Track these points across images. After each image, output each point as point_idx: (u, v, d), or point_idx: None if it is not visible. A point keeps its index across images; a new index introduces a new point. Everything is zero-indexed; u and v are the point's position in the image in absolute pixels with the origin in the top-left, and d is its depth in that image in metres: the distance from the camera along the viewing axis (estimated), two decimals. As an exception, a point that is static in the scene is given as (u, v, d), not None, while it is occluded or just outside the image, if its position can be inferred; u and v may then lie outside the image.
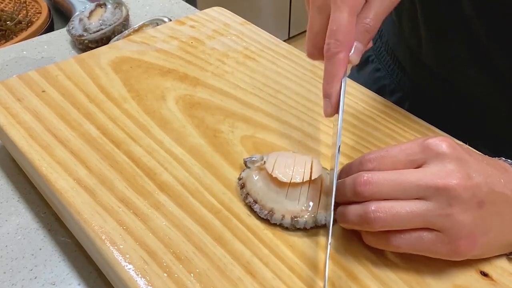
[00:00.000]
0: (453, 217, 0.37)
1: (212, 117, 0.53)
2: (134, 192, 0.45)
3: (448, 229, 0.37)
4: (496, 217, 0.38)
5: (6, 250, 0.47)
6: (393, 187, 0.38)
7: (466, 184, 0.37)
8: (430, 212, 0.37)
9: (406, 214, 0.37)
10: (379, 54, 0.70)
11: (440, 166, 0.38)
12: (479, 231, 0.38)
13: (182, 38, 0.66)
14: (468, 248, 0.38)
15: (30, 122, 0.51)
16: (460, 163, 0.38)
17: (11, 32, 0.85)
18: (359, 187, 0.38)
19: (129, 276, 0.38)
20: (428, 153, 0.38)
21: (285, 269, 0.40)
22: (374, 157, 0.40)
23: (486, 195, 0.38)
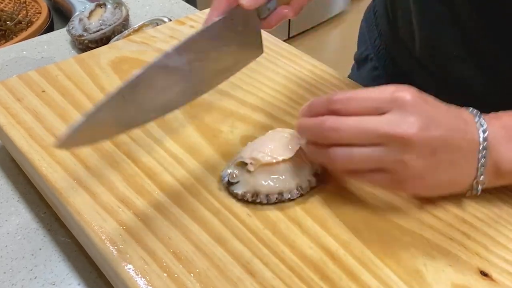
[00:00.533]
0: (405, 163, 0.40)
1: (212, 117, 0.53)
2: (134, 192, 0.45)
3: (398, 172, 0.40)
4: (449, 165, 0.41)
5: (6, 250, 0.47)
6: (355, 134, 0.40)
7: (422, 135, 0.39)
8: (385, 157, 0.40)
9: (362, 158, 0.40)
10: (377, 53, 0.71)
11: (401, 116, 0.40)
12: (428, 175, 0.41)
13: (182, 38, 0.66)
14: (413, 188, 0.42)
15: (30, 122, 0.51)
16: (421, 114, 0.40)
17: (11, 32, 0.85)
18: (325, 132, 0.41)
19: (129, 276, 0.38)
20: (394, 102, 0.41)
21: (284, 269, 0.40)
22: (342, 98, 0.42)
23: (441, 145, 0.40)
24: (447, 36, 0.57)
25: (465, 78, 0.58)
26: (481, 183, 0.43)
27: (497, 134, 0.42)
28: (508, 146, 0.42)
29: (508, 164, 0.42)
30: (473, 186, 0.43)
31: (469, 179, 0.43)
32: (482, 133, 0.42)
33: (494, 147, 0.42)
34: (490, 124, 0.43)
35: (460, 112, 0.43)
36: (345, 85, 0.59)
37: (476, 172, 0.42)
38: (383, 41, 0.69)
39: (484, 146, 0.42)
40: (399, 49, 0.66)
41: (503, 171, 0.43)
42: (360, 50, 0.76)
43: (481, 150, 0.42)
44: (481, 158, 0.42)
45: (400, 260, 0.41)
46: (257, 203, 0.44)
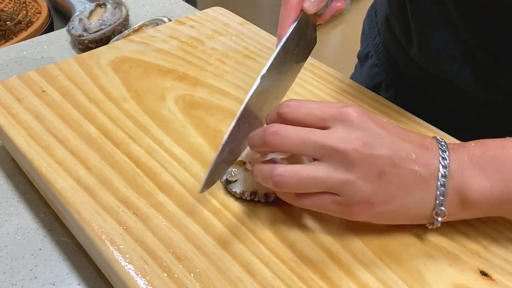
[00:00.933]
0: (351, 183, 0.38)
1: (211, 117, 0.54)
2: (134, 192, 0.45)
3: (345, 194, 0.39)
4: (400, 189, 0.39)
5: (6, 250, 0.47)
6: (297, 143, 0.39)
7: (364, 152, 0.38)
8: (329, 177, 0.38)
9: (308, 179, 0.39)
10: (377, 49, 0.71)
11: (345, 132, 0.39)
12: (377, 199, 0.39)
13: (182, 38, 0.66)
14: (363, 212, 0.39)
15: (30, 122, 0.51)
16: (366, 133, 0.39)
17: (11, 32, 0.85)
18: (267, 137, 0.40)
19: (129, 276, 0.38)
20: (340, 118, 0.39)
21: (285, 269, 0.40)
22: (292, 104, 0.41)
23: (389, 167, 0.38)
24: (439, 34, 0.57)
25: (456, 76, 0.58)
26: (441, 215, 0.40)
27: (461, 161, 0.40)
28: (474, 175, 0.39)
29: (475, 193, 0.39)
30: (433, 217, 0.40)
31: (427, 209, 0.40)
32: (442, 159, 0.39)
33: (458, 176, 0.39)
34: (455, 151, 0.40)
35: (420, 137, 0.41)
36: (345, 84, 0.59)
37: (434, 202, 0.40)
38: (382, 39, 0.70)
39: (443, 174, 0.39)
40: (396, 46, 0.66)
41: (469, 200, 0.40)
42: (362, 47, 0.76)
43: (440, 178, 0.39)
44: (440, 186, 0.39)
45: (400, 260, 0.41)
46: (256, 202, 0.44)
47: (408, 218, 0.42)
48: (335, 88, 0.59)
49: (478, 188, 0.39)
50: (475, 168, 0.40)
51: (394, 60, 0.68)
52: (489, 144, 0.41)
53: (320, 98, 0.57)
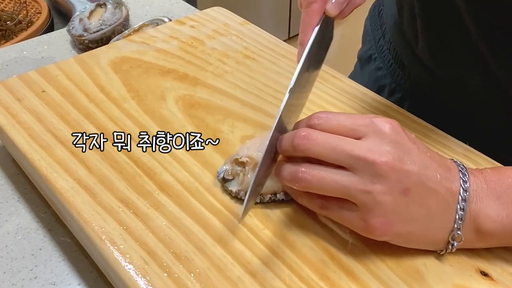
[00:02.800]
0: (373, 195, 0.37)
1: (212, 117, 0.53)
2: (134, 192, 0.45)
3: (366, 206, 0.38)
4: (421, 210, 0.38)
5: (6, 250, 0.47)
6: (326, 149, 0.38)
7: (394, 166, 0.37)
8: (352, 185, 0.37)
9: (330, 182, 0.38)
10: (381, 52, 0.70)
11: (377, 143, 0.38)
12: (397, 218, 0.38)
13: (182, 38, 0.66)
14: (381, 229, 0.38)
15: (30, 122, 0.51)
16: (397, 146, 0.38)
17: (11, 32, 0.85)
18: (296, 140, 0.39)
19: (129, 276, 0.38)
20: (372, 128, 0.39)
21: (285, 269, 0.40)
22: (323, 116, 0.41)
23: (415, 184, 0.38)
24: (449, 36, 0.57)
25: (465, 78, 0.57)
26: (457, 239, 0.39)
27: (480, 187, 0.39)
28: (490, 202, 0.39)
29: (487, 221, 0.39)
30: (449, 241, 0.39)
31: (444, 232, 0.39)
32: (463, 183, 0.39)
33: (475, 200, 0.39)
34: (474, 176, 0.40)
35: (443, 158, 0.41)
36: (345, 84, 0.59)
37: (453, 225, 0.39)
38: (387, 41, 0.69)
39: (463, 197, 0.38)
40: (402, 47, 0.66)
41: (483, 228, 0.39)
42: (364, 48, 0.76)
43: (460, 201, 0.38)
44: (459, 210, 0.38)
45: (400, 260, 0.41)
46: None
47: (426, 241, 0.40)
48: (335, 87, 0.58)
49: (494, 216, 0.39)
50: (491, 195, 0.39)
51: (400, 63, 0.67)
52: (506, 172, 0.40)
53: (321, 98, 0.57)
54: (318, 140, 0.39)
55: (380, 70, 0.71)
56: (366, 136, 0.39)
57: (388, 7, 0.69)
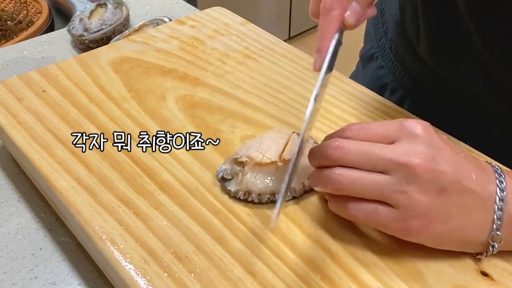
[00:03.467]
0: (409, 195, 0.37)
1: (212, 117, 0.53)
2: (134, 192, 0.45)
3: (402, 206, 0.38)
4: (459, 209, 0.38)
5: (6, 250, 0.47)
6: (359, 156, 0.39)
7: (428, 166, 0.37)
8: (388, 185, 0.38)
9: (365, 183, 0.38)
10: (383, 51, 0.70)
11: (409, 145, 0.38)
12: (435, 216, 0.38)
13: (182, 38, 0.66)
14: (419, 230, 0.38)
15: (30, 122, 0.51)
16: (430, 147, 0.38)
17: (11, 32, 0.85)
18: (329, 150, 0.40)
19: (130, 276, 0.38)
20: (403, 131, 0.39)
21: (285, 269, 0.40)
22: (355, 128, 0.41)
23: (450, 183, 0.38)
24: (450, 36, 0.57)
25: (467, 78, 0.57)
26: (497, 240, 0.39)
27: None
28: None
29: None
30: (489, 242, 0.39)
31: (483, 233, 0.39)
32: (500, 183, 0.39)
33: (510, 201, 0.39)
34: (509, 176, 0.40)
35: (477, 160, 0.41)
36: (345, 84, 0.59)
37: (491, 226, 0.38)
38: (389, 40, 0.69)
39: (501, 197, 0.38)
40: (404, 47, 0.66)
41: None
42: (366, 47, 0.76)
43: (498, 201, 0.38)
44: (498, 210, 0.38)
45: (401, 261, 0.41)
46: (249, 201, 0.44)
47: (464, 242, 0.40)
48: (335, 87, 0.58)
49: None
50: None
51: (401, 62, 0.67)
52: None
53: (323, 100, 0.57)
54: (351, 148, 0.39)
55: (382, 69, 0.71)
56: (398, 140, 0.39)
57: (390, 6, 0.69)
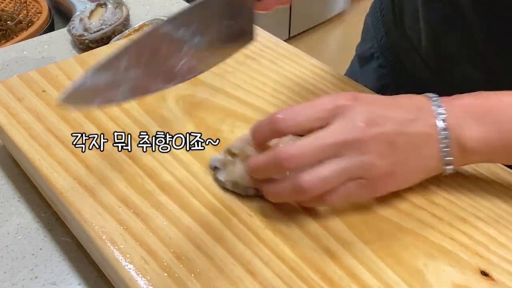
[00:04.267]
0: (369, 163, 0.40)
1: (212, 117, 0.53)
2: (135, 192, 0.45)
3: (368, 175, 0.41)
4: (412, 153, 0.42)
5: (6, 250, 0.47)
6: (314, 154, 0.40)
7: (370, 132, 0.40)
8: (349, 166, 0.40)
9: (332, 175, 0.40)
10: (384, 51, 0.70)
11: (345, 122, 0.40)
12: (396, 169, 0.41)
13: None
14: (388, 186, 0.43)
15: (30, 122, 0.51)
16: (365, 114, 0.41)
17: (11, 32, 0.85)
18: (285, 163, 0.40)
19: (130, 276, 0.38)
20: (334, 110, 0.41)
21: (285, 269, 0.40)
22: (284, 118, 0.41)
23: (395, 136, 0.41)
24: (452, 36, 0.57)
25: (468, 78, 0.58)
26: (449, 163, 0.43)
27: (457, 113, 0.42)
28: (470, 124, 0.42)
29: (471, 142, 0.42)
30: (443, 168, 0.43)
31: (434, 161, 0.43)
32: (438, 115, 0.42)
33: (455, 128, 0.42)
34: (449, 105, 0.43)
35: (412, 99, 0.44)
36: (345, 84, 0.59)
37: (439, 153, 0.42)
38: (390, 39, 0.69)
39: (443, 128, 0.42)
40: (405, 47, 0.66)
41: (469, 149, 0.42)
42: (365, 46, 0.75)
43: (440, 132, 0.42)
44: (443, 139, 0.42)
45: (400, 260, 0.41)
46: (236, 194, 0.45)
47: (425, 173, 0.44)
48: (335, 87, 0.58)
49: (475, 136, 0.42)
50: (471, 118, 0.42)
51: (402, 61, 0.67)
52: (489, 96, 0.44)
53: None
54: (302, 151, 0.40)
55: (383, 68, 0.71)
56: (333, 120, 0.41)
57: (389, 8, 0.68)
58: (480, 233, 0.43)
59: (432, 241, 0.42)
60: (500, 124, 0.42)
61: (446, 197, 0.46)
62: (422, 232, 0.43)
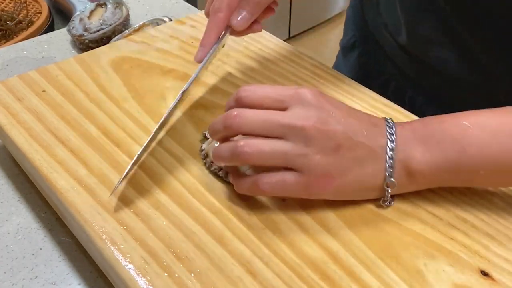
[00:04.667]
0: (310, 157, 0.41)
1: (212, 117, 0.53)
2: (135, 192, 0.45)
3: (305, 168, 0.41)
4: (354, 162, 0.42)
5: (6, 250, 0.47)
6: (259, 123, 0.41)
7: (321, 128, 0.41)
8: (290, 151, 0.41)
9: (270, 151, 0.41)
10: (364, 40, 0.73)
11: (302, 110, 0.42)
12: (335, 172, 0.41)
13: (183, 38, 0.66)
14: (323, 188, 0.42)
15: (30, 122, 0.51)
16: (321, 110, 0.42)
17: (11, 32, 0.85)
18: (228, 120, 0.42)
19: (130, 276, 0.38)
20: (296, 98, 0.42)
21: (285, 269, 0.40)
22: (249, 89, 0.44)
23: (343, 140, 0.41)
24: (427, 21, 0.59)
25: (443, 60, 0.60)
26: (391, 186, 0.43)
27: (406, 136, 0.43)
28: (417, 147, 0.43)
29: (415, 163, 0.42)
30: (384, 188, 0.43)
31: (379, 180, 0.43)
32: (390, 135, 0.43)
33: (403, 149, 0.43)
34: (399, 127, 0.44)
35: (370, 117, 0.45)
36: (346, 85, 0.59)
37: (384, 173, 0.42)
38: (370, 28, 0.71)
39: (390, 147, 0.42)
40: (384, 35, 0.67)
41: (413, 172, 0.43)
42: (347, 37, 0.78)
43: (388, 151, 0.42)
44: (389, 159, 0.42)
45: (400, 260, 0.41)
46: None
47: (363, 190, 0.44)
48: (335, 87, 0.58)
49: (420, 159, 0.42)
50: (418, 141, 0.43)
51: (383, 50, 0.69)
52: (431, 120, 0.45)
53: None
54: (248, 117, 0.42)
55: (364, 56, 0.73)
56: (292, 106, 0.42)
57: None
58: (480, 232, 0.43)
59: (432, 240, 0.42)
60: (443, 144, 0.42)
61: (446, 197, 0.46)
62: (422, 232, 0.43)
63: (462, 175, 0.44)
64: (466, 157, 0.42)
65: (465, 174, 0.43)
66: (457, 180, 0.45)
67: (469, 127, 0.43)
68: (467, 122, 0.43)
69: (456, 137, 0.42)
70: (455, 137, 0.42)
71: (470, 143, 0.42)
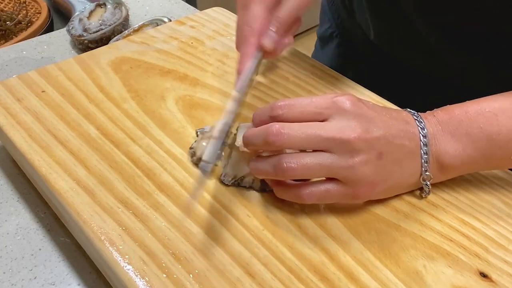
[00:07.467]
0: (355, 168, 0.41)
1: (211, 117, 0.53)
2: (134, 193, 0.45)
3: (350, 179, 0.41)
4: (395, 165, 0.43)
5: (5, 250, 0.47)
6: (301, 139, 0.41)
7: (365, 138, 0.41)
8: (334, 163, 0.41)
9: (314, 165, 0.41)
10: (341, 31, 0.75)
11: (343, 121, 0.41)
12: (379, 179, 0.42)
13: (182, 38, 0.66)
14: (367, 195, 0.43)
15: (30, 122, 0.51)
16: (361, 118, 0.41)
17: (11, 32, 0.85)
18: (271, 137, 0.41)
19: (128, 277, 0.38)
20: (334, 108, 0.42)
21: (284, 270, 0.40)
22: (284, 105, 0.42)
23: (385, 146, 0.42)
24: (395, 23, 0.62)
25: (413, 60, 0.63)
26: (427, 179, 0.44)
27: (434, 129, 0.44)
28: (445, 140, 0.44)
29: (447, 157, 0.44)
30: (421, 183, 0.44)
31: (416, 177, 0.44)
32: (421, 130, 0.44)
33: (434, 142, 0.44)
34: (427, 120, 0.44)
35: (399, 112, 0.45)
36: (346, 85, 0.59)
37: (421, 169, 0.44)
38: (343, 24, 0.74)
39: (424, 142, 0.43)
40: (356, 31, 0.70)
41: (445, 164, 0.44)
42: (323, 27, 0.80)
43: (422, 146, 0.43)
44: (424, 154, 0.43)
45: (399, 262, 0.41)
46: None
47: (401, 189, 0.45)
48: (335, 87, 0.59)
49: (452, 153, 0.44)
50: (446, 133, 0.44)
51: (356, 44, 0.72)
52: (455, 110, 0.45)
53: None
54: (291, 133, 0.40)
55: (342, 46, 0.75)
56: (331, 117, 0.42)
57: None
58: (479, 234, 0.43)
59: (431, 242, 0.42)
60: (472, 136, 0.43)
61: (445, 199, 0.46)
62: (421, 233, 0.43)
63: (493, 162, 0.46)
64: (496, 146, 0.43)
65: (496, 161, 0.45)
66: (488, 167, 0.47)
67: (495, 114, 0.44)
68: (491, 109, 0.44)
69: (484, 127, 0.43)
70: (483, 128, 0.43)
71: (499, 131, 0.43)
